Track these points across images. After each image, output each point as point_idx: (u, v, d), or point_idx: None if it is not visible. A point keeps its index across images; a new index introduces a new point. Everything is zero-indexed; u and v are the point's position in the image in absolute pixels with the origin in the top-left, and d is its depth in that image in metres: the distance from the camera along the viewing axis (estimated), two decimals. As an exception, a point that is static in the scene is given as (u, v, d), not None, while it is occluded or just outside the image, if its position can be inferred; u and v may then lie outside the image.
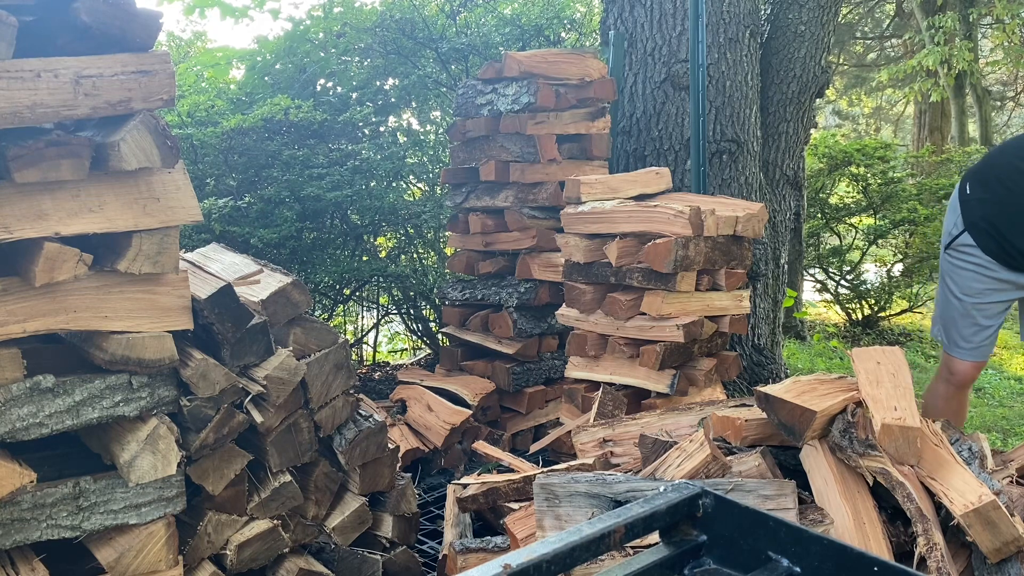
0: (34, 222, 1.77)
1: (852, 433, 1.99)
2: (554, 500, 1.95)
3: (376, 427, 2.44)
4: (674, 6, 4.28)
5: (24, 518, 1.86)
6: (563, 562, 1.08)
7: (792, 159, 4.79)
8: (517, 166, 3.95)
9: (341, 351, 2.35)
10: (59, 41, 1.80)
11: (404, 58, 5.27)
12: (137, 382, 1.95)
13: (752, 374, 4.34)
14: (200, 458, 2.06)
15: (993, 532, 1.76)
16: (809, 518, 1.90)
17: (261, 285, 2.30)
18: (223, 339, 2.08)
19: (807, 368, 5.93)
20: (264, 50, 5.34)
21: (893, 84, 14.96)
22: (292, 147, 4.74)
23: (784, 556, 1.15)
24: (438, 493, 3.41)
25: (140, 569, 1.99)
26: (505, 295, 4.04)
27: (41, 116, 1.73)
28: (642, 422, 2.55)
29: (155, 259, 1.91)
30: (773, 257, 4.60)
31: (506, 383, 3.94)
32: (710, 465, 2.02)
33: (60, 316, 1.85)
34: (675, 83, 4.26)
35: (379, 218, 5.03)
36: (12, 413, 1.81)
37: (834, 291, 7.84)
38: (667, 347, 3.02)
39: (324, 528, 2.38)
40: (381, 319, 6.13)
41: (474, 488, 2.61)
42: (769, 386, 2.15)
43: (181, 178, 1.96)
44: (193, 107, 4.72)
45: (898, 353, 2.22)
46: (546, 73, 3.92)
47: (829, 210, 7.62)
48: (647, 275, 3.05)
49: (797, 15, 4.71)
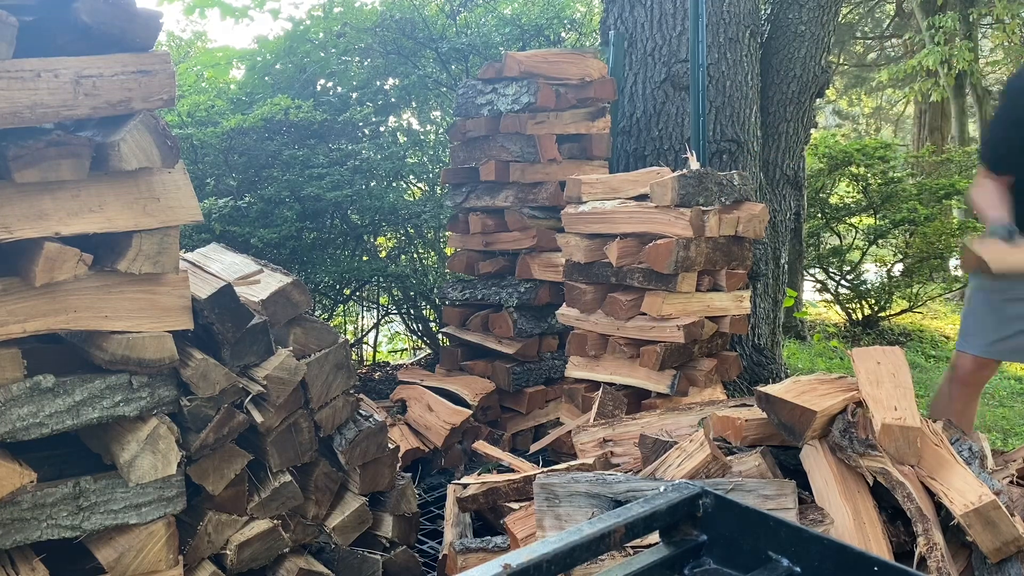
0: (34, 222, 1.77)
1: (852, 433, 1.99)
2: (554, 500, 1.95)
3: (376, 427, 2.44)
4: (674, 6, 4.28)
5: (24, 518, 1.86)
6: (563, 562, 1.08)
7: (792, 159, 4.79)
8: (517, 166, 3.95)
9: (341, 351, 2.35)
10: (59, 41, 1.79)
11: (404, 58, 5.27)
12: (137, 382, 1.95)
13: (752, 374, 4.34)
14: (200, 458, 2.06)
15: (993, 532, 1.76)
16: (809, 518, 1.90)
17: (261, 285, 2.30)
18: (223, 339, 2.08)
19: (807, 368, 5.93)
20: (264, 50, 5.34)
21: (893, 84, 14.96)
22: (292, 147, 4.74)
23: (784, 556, 1.15)
24: (438, 493, 3.41)
25: (140, 569, 1.99)
26: (505, 295, 4.04)
27: (41, 116, 1.73)
28: (642, 422, 2.55)
29: (155, 259, 1.91)
30: (773, 257, 4.60)
31: (506, 383, 3.94)
32: (710, 465, 2.03)
33: (60, 316, 1.85)
34: (675, 83, 4.26)
35: (379, 218, 5.03)
36: (12, 413, 1.81)
37: (834, 291, 7.84)
38: (667, 347, 3.02)
39: (324, 528, 2.37)
40: (381, 319, 6.13)
41: (474, 488, 2.61)
42: (769, 386, 2.15)
43: (181, 178, 1.96)
44: (193, 107, 4.72)
45: (898, 353, 2.22)
46: (546, 73, 3.93)
47: (829, 210, 7.62)
48: (648, 275, 3.05)
49: (797, 15, 4.71)
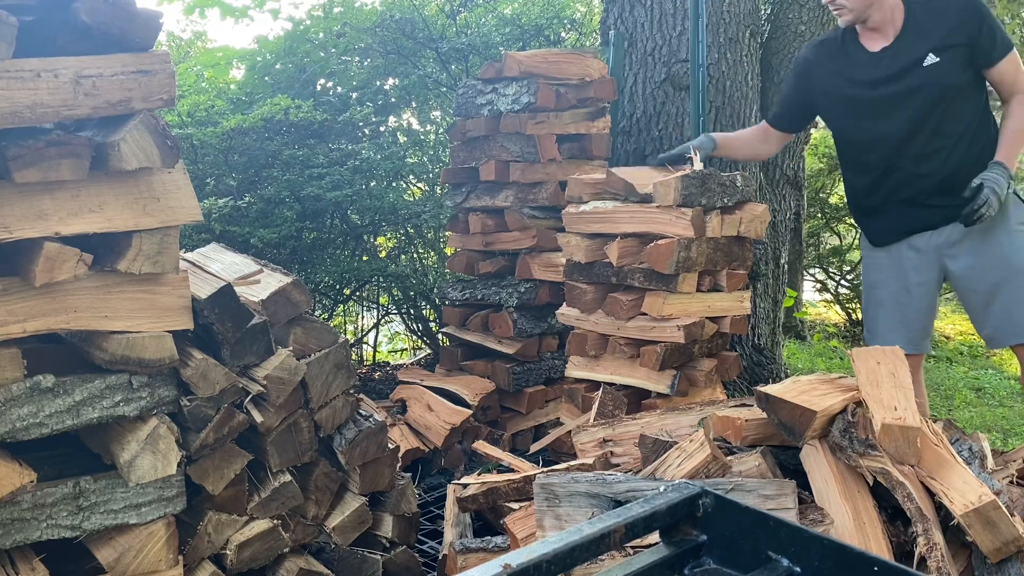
0: (34, 222, 1.77)
1: (852, 433, 1.99)
2: (554, 500, 1.95)
3: (376, 427, 2.44)
4: (674, 6, 4.28)
5: (24, 518, 1.86)
6: (563, 562, 1.08)
7: (792, 159, 4.79)
8: (517, 166, 3.95)
9: (341, 351, 2.35)
10: (59, 41, 1.79)
11: (404, 58, 5.27)
12: (137, 382, 1.95)
13: (752, 374, 4.34)
14: (200, 458, 2.06)
15: (993, 532, 1.76)
16: (809, 518, 1.90)
17: (261, 285, 2.30)
18: (223, 339, 2.08)
19: (807, 368, 5.93)
20: (264, 50, 5.34)
21: (893, 84, 14.93)
22: (292, 147, 4.73)
23: (784, 556, 1.15)
24: (438, 493, 3.41)
25: (140, 569, 1.99)
26: (505, 295, 4.04)
27: (41, 116, 1.73)
28: (642, 422, 2.55)
29: (155, 259, 1.91)
30: (773, 257, 4.60)
31: (506, 383, 3.94)
32: (710, 465, 2.03)
33: (60, 316, 1.85)
34: (675, 83, 4.26)
35: (379, 218, 5.03)
36: (12, 413, 1.81)
37: (834, 291, 7.84)
38: (668, 348, 3.01)
39: (324, 528, 2.38)
40: (381, 319, 6.13)
41: (474, 488, 2.61)
42: (769, 386, 2.15)
43: (181, 178, 1.96)
44: (193, 107, 4.72)
45: (898, 353, 2.22)
46: (546, 73, 3.93)
47: (829, 210, 7.62)
48: (648, 276, 3.05)
49: (797, 15, 4.71)
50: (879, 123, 2.78)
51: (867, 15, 2.72)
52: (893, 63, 2.72)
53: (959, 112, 2.73)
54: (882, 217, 2.90)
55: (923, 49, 2.68)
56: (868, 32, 2.77)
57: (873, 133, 2.80)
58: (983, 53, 2.68)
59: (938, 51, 2.66)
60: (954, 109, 2.72)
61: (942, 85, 2.68)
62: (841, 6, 2.71)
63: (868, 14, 2.71)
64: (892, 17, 2.72)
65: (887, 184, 2.83)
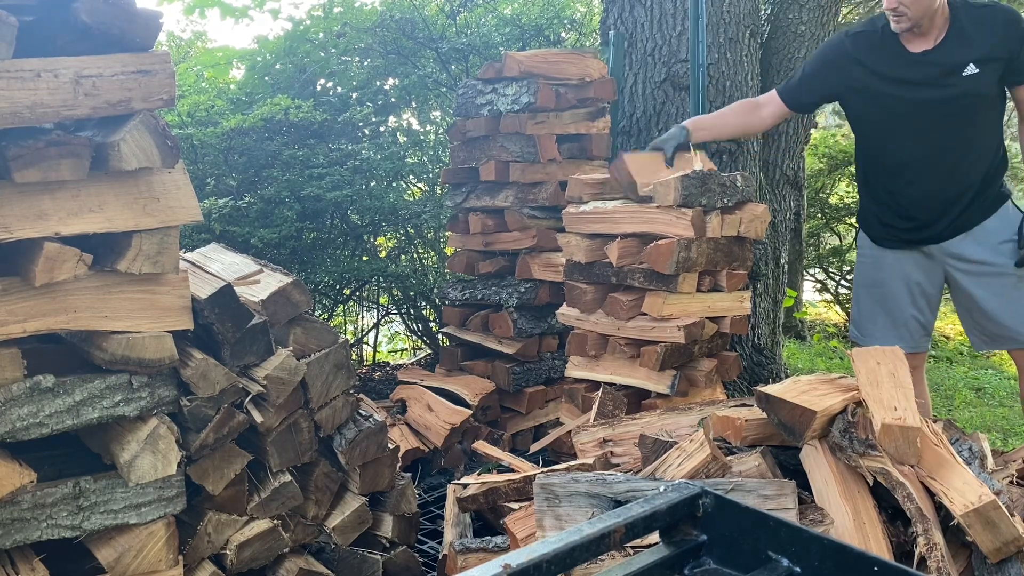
0: (34, 222, 1.77)
1: (852, 433, 1.99)
2: (554, 500, 1.95)
3: (376, 427, 2.44)
4: (674, 6, 4.28)
5: (24, 518, 1.86)
6: (563, 562, 1.08)
7: (792, 159, 4.79)
8: (517, 166, 3.95)
9: (341, 351, 2.35)
10: (59, 41, 1.79)
11: (404, 58, 5.27)
12: (137, 382, 1.95)
13: (752, 374, 4.34)
14: (200, 458, 2.06)
15: (993, 532, 1.76)
16: (809, 518, 1.90)
17: (261, 285, 2.30)
18: (223, 339, 2.08)
19: (807, 368, 5.93)
20: (264, 50, 5.34)
21: (893, 84, 14.92)
22: (292, 147, 4.74)
23: (784, 556, 1.15)
24: (438, 493, 3.41)
25: (140, 569, 1.99)
26: (505, 295, 4.04)
27: (41, 116, 1.73)
28: (642, 422, 2.55)
29: (155, 259, 1.91)
30: (773, 257, 4.60)
31: (506, 383, 3.94)
32: (710, 465, 2.02)
33: (60, 316, 1.85)
34: (675, 83, 4.26)
35: (379, 218, 5.03)
36: (12, 413, 1.81)
37: (834, 291, 7.85)
38: (668, 348, 3.01)
39: (324, 528, 2.38)
40: (381, 319, 6.13)
41: (474, 488, 2.61)
42: (769, 386, 2.15)
43: (181, 178, 1.96)
44: (193, 107, 4.72)
45: (898, 353, 2.22)
46: (546, 73, 3.93)
47: (829, 210, 7.62)
48: (648, 276, 3.04)
49: (797, 15, 4.71)
50: (911, 125, 2.76)
51: (923, 22, 2.68)
52: (934, 68, 2.70)
53: (983, 124, 2.74)
54: (893, 223, 2.90)
55: (965, 58, 2.66)
56: (911, 33, 2.73)
57: (903, 134, 2.78)
58: (1018, 71, 2.68)
59: (979, 62, 2.65)
60: (978, 120, 2.73)
61: (977, 96, 2.68)
62: (902, 14, 2.64)
63: (923, 21, 2.67)
64: (939, 22, 2.69)
65: (907, 190, 2.83)
